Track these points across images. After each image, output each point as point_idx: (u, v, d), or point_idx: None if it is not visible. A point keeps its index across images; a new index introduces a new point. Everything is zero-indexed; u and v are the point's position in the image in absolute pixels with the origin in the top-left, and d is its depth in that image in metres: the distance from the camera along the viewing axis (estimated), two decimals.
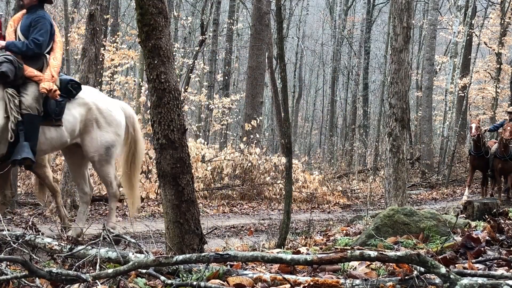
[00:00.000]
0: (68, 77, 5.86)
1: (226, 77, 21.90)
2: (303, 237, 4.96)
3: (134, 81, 17.23)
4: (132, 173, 6.18)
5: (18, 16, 5.71)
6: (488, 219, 4.47)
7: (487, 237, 3.51)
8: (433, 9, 20.05)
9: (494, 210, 5.17)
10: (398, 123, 6.80)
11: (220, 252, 2.63)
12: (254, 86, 15.44)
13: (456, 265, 2.88)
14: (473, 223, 4.56)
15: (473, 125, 12.12)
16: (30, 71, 5.35)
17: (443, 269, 2.36)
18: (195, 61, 17.35)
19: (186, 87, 16.24)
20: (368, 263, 2.96)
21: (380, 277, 2.70)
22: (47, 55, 5.60)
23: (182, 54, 20.78)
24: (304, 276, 2.71)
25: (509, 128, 11.40)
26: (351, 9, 30.73)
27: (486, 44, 23.63)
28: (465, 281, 2.31)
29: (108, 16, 15.52)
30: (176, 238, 3.46)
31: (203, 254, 2.60)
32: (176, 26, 22.42)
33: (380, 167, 18.82)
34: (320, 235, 5.37)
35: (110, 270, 2.55)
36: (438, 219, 4.04)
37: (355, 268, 2.94)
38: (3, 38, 5.57)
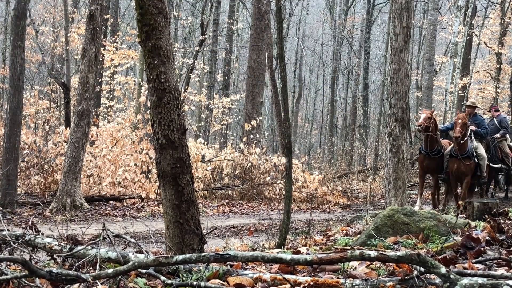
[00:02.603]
0: None
1: (226, 77, 21.92)
2: (303, 237, 4.96)
3: (134, 81, 17.25)
4: None
5: None
6: (488, 219, 4.47)
7: (487, 237, 3.51)
8: (433, 9, 20.06)
9: (494, 210, 5.17)
10: (398, 123, 6.80)
11: (220, 252, 2.63)
12: (254, 86, 15.45)
13: (456, 265, 2.88)
14: (473, 223, 4.56)
15: (423, 115, 9.96)
16: None
17: (443, 269, 2.36)
18: (195, 61, 17.35)
19: (186, 87, 16.25)
20: (368, 263, 2.95)
21: (380, 277, 2.70)
22: None
23: (182, 54, 20.79)
24: (304, 276, 2.71)
25: (460, 121, 9.48)
26: (351, 9, 30.74)
27: (486, 44, 23.63)
28: (465, 281, 2.31)
29: (108, 16, 15.53)
30: (176, 238, 3.46)
31: (203, 254, 2.60)
32: (176, 26, 22.43)
33: (380, 167, 18.81)
34: (320, 235, 5.37)
35: (110, 270, 2.55)
36: (438, 219, 4.04)
37: (355, 268, 2.93)
38: None
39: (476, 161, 9.92)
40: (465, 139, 9.61)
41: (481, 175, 10.09)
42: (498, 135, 11.59)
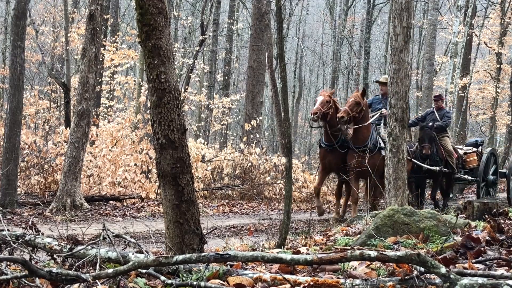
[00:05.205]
0: None
1: (226, 77, 21.92)
2: (303, 237, 4.96)
3: (134, 81, 17.24)
4: None
5: None
6: (488, 219, 4.47)
7: (487, 237, 3.51)
8: (433, 9, 20.04)
9: (494, 210, 5.17)
10: (398, 123, 6.80)
11: (220, 252, 2.63)
12: (254, 86, 15.45)
13: (456, 265, 2.88)
14: (473, 223, 4.56)
15: (319, 98, 8.24)
16: None
17: (443, 269, 2.36)
18: (195, 61, 17.35)
19: (186, 87, 16.25)
20: (368, 263, 2.95)
21: (380, 277, 2.70)
22: None
23: (182, 54, 20.78)
24: (304, 276, 2.71)
25: (351, 100, 7.97)
26: (351, 9, 30.72)
27: (486, 44, 23.64)
28: (465, 281, 2.31)
29: (108, 16, 15.53)
30: (176, 238, 3.45)
31: (203, 254, 2.60)
32: (176, 26, 22.42)
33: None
34: (320, 235, 5.36)
35: (110, 270, 2.55)
36: (438, 219, 4.04)
37: (355, 268, 2.93)
38: None
39: (384, 153, 8.18)
40: (360, 125, 7.97)
41: None
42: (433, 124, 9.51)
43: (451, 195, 11.08)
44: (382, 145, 8.13)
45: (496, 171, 10.61)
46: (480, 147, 10.90)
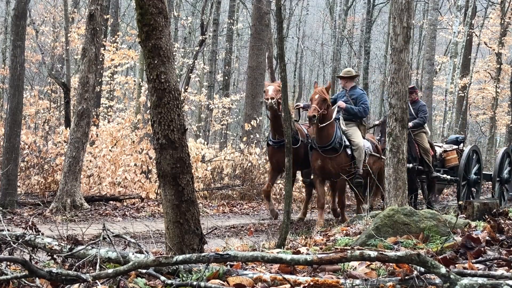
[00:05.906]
0: None
1: (226, 77, 21.92)
2: (303, 237, 4.96)
3: (134, 81, 17.25)
4: None
5: None
6: (488, 219, 4.47)
7: (487, 237, 3.51)
8: (433, 9, 20.04)
9: (494, 210, 5.17)
10: (398, 123, 6.79)
11: (220, 252, 2.63)
12: (254, 86, 15.45)
13: (456, 265, 2.88)
14: (473, 223, 4.56)
15: (270, 88, 7.64)
16: None
17: (443, 269, 2.36)
18: (195, 61, 17.35)
19: (186, 87, 16.25)
20: (368, 263, 2.95)
21: (380, 277, 2.70)
22: None
23: (182, 54, 20.79)
24: (304, 276, 2.71)
25: (317, 96, 7.28)
26: (351, 9, 30.71)
27: (486, 44, 23.66)
28: (465, 281, 2.31)
29: (108, 16, 15.53)
30: (176, 238, 3.45)
31: (203, 254, 2.60)
32: (176, 26, 22.42)
33: None
34: (320, 235, 5.37)
35: (110, 270, 2.55)
36: (438, 219, 4.04)
37: (355, 268, 2.93)
38: None
39: (350, 152, 7.68)
40: (326, 123, 7.38)
41: (355, 172, 7.66)
42: (410, 124, 8.60)
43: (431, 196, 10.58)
44: (347, 143, 7.73)
45: (479, 170, 10.09)
46: (462, 144, 10.41)
